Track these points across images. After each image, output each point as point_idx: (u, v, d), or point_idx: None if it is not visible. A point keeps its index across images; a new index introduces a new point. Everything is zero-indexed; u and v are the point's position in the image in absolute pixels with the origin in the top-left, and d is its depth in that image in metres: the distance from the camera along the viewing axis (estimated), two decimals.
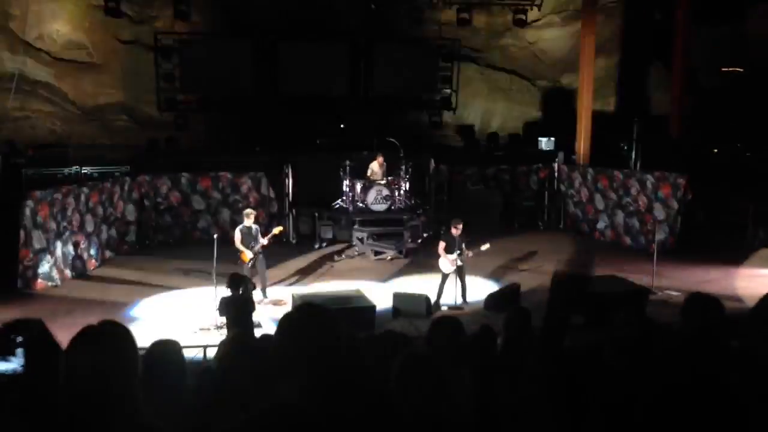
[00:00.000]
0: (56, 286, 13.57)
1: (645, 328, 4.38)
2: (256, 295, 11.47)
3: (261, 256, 12.56)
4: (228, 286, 9.42)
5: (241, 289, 9.33)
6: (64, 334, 2.62)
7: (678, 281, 14.00)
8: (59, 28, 18.26)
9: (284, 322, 2.66)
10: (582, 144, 19.95)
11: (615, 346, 4.48)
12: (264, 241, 12.49)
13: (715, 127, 19.49)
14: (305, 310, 2.67)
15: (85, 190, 14.89)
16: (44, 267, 13.40)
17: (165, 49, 19.09)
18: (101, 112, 19.16)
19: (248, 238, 12.43)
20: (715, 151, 19.57)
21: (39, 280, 13.30)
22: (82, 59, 18.69)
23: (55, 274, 13.65)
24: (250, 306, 9.43)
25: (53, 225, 13.65)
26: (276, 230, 12.96)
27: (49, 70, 18.42)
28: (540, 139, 20.65)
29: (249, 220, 12.55)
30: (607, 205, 18.05)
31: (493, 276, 14.36)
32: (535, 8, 20.37)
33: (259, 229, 12.70)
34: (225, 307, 9.25)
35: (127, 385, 2.44)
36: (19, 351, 2.46)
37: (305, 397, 2.50)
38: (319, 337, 2.59)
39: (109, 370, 2.39)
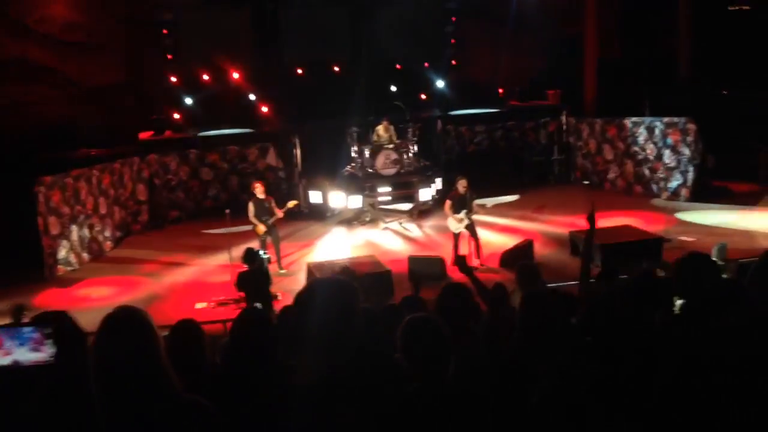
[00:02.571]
0: (74, 270, 13.72)
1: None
2: (272, 267, 11.56)
3: (275, 228, 12.62)
4: (243, 261, 9.51)
5: (256, 263, 9.42)
6: (88, 319, 2.68)
7: (692, 227, 13.99)
8: (58, 10, 18.16)
9: (301, 297, 2.69)
10: (589, 94, 19.76)
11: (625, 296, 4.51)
12: (279, 213, 12.54)
13: (723, 69, 19.21)
14: (318, 285, 2.69)
15: (96, 172, 14.95)
16: (61, 253, 13.53)
17: (163, 23, 18.95)
18: (105, 93, 19.13)
19: (261, 211, 12.46)
20: (725, 92, 19.31)
21: (59, 266, 13.45)
22: (82, 41, 18.60)
23: (72, 258, 13.79)
24: (266, 279, 9.53)
25: (67, 209, 13.74)
26: (290, 203, 12.97)
27: (51, 54, 18.37)
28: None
29: (259, 193, 12.57)
30: (616, 155, 17.94)
31: (507, 233, 14.36)
32: None
33: (272, 200, 12.73)
34: (242, 281, 9.35)
35: (156, 365, 2.49)
36: (49, 342, 2.53)
37: (322, 371, 2.55)
38: (337, 311, 2.62)
39: (133, 355, 2.45)
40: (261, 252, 10.03)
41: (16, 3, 17.58)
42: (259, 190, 12.53)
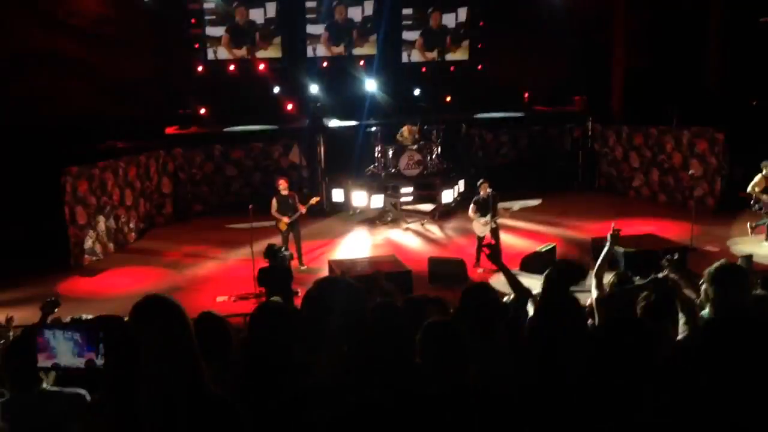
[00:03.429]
0: (99, 260, 13.86)
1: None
2: (293, 264, 11.60)
3: (297, 224, 12.67)
4: (265, 257, 9.56)
5: (277, 259, 9.45)
6: (111, 309, 2.69)
7: (717, 237, 13.85)
8: (88, 3, 18.35)
9: (308, 298, 2.70)
10: (615, 101, 19.61)
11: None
12: (302, 209, 12.60)
13: (752, 79, 18.99)
14: (325, 285, 2.70)
15: (122, 164, 15.10)
16: (88, 242, 13.69)
17: (190, 13, 19.09)
18: (133, 86, 19.29)
19: (284, 206, 12.55)
20: (755, 103, 19.08)
21: (85, 256, 13.62)
22: (111, 33, 18.77)
23: (97, 248, 13.96)
24: (287, 275, 9.56)
25: (93, 200, 13.89)
26: (313, 200, 13.08)
27: (80, 46, 18.55)
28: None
29: (283, 189, 12.63)
30: (642, 163, 17.79)
31: (529, 237, 14.29)
32: None
33: (296, 196, 12.79)
34: (263, 277, 9.39)
35: (189, 355, 2.47)
36: (101, 347, 2.53)
37: (331, 369, 2.55)
38: (341, 310, 2.62)
39: (166, 344, 2.43)
40: (283, 248, 10.07)
41: None
42: (283, 187, 12.63)
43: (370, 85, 19.43)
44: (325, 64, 20.12)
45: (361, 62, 20.27)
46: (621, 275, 5.79)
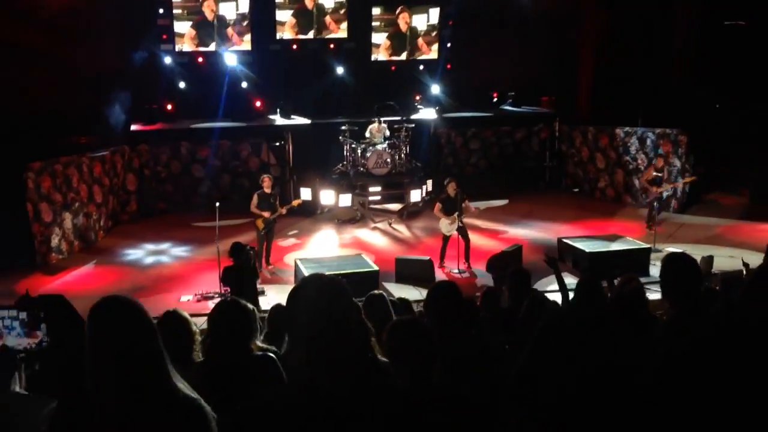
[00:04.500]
0: (64, 258, 13.60)
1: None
2: (259, 263, 11.52)
3: (274, 224, 12.62)
4: (230, 255, 9.46)
5: (242, 257, 9.34)
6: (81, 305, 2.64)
7: (680, 238, 14.07)
8: None
9: (295, 294, 2.66)
10: (583, 102, 19.80)
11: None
12: (281, 210, 12.54)
13: (718, 82, 19.29)
14: (316, 282, 2.66)
15: (86, 160, 14.85)
16: (54, 240, 13.42)
17: (158, 3, 18.76)
18: (98, 80, 18.99)
19: (264, 204, 12.46)
20: (717, 106, 19.40)
21: (52, 254, 13.36)
22: (78, 26, 18.45)
23: (63, 246, 13.68)
24: (252, 274, 9.47)
25: (59, 197, 13.62)
26: (295, 202, 13.14)
27: (45, 39, 18.20)
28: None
29: (266, 186, 12.54)
30: (607, 164, 18.00)
31: (495, 238, 14.38)
32: None
33: (277, 197, 12.75)
34: (227, 276, 9.29)
35: (153, 355, 2.41)
36: (43, 325, 2.47)
37: (313, 370, 2.52)
38: (331, 310, 2.60)
39: (128, 345, 2.36)
40: (247, 247, 9.92)
41: None
42: (267, 184, 12.53)
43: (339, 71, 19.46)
44: (294, 47, 19.80)
45: (331, 45, 20.07)
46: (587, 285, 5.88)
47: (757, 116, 17.31)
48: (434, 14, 20.82)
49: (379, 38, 20.45)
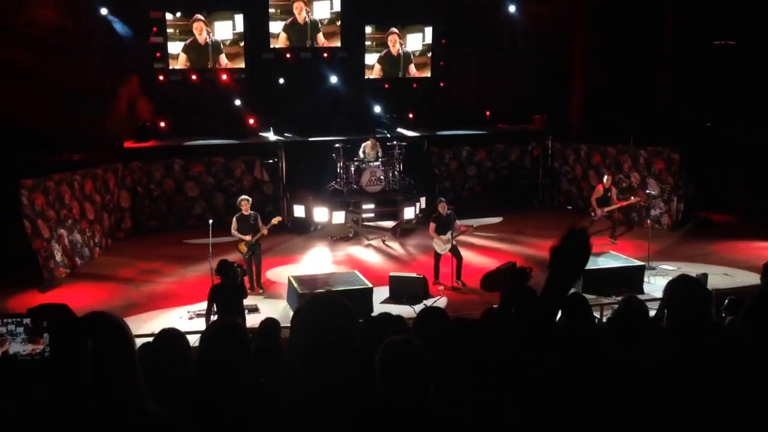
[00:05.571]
0: (69, 273, 13.61)
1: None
2: (248, 283, 11.38)
3: (259, 246, 12.46)
4: (217, 273, 9.36)
5: (229, 275, 9.20)
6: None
7: (674, 255, 14.10)
8: (46, 13, 18.03)
9: (301, 315, 2.66)
10: (575, 120, 19.89)
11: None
12: (264, 230, 12.42)
13: (707, 101, 19.45)
14: (323, 304, 2.67)
15: (78, 177, 14.80)
16: (57, 255, 13.43)
17: (152, 22, 18.75)
18: (91, 98, 18.98)
19: (244, 226, 12.29)
20: (708, 124, 19.54)
21: (60, 268, 13.42)
22: (69, 44, 18.47)
23: (66, 261, 13.73)
24: (239, 292, 9.35)
25: (52, 213, 13.56)
26: (275, 220, 12.79)
27: (37, 57, 18.21)
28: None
29: (244, 209, 12.35)
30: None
31: (489, 255, 14.37)
32: None
33: (258, 217, 12.52)
34: (213, 294, 9.18)
35: (126, 373, 2.47)
36: (46, 335, 2.51)
37: (317, 388, 2.51)
38: (336, 330, 2.60)
39: (104, 360, 2.42)
40: (235, 264, 9.73)
41: (2, 4, 17.43)
42: (245, 207, 12.34)
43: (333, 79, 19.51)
44: (288, 55, 19.81)
45: (325, 54, 20.09)
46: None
47: (747, 135, 17.44)
48: (428, 33, 20.91)
49: (372, 59, 20.50)
